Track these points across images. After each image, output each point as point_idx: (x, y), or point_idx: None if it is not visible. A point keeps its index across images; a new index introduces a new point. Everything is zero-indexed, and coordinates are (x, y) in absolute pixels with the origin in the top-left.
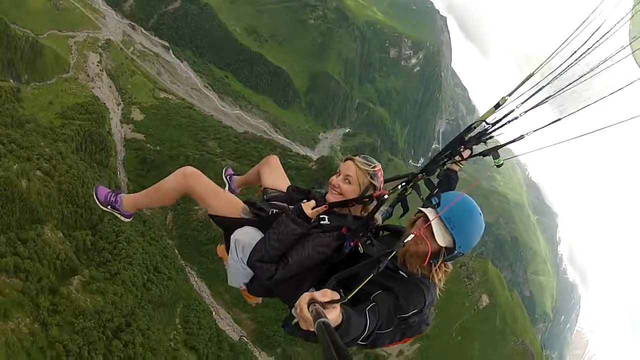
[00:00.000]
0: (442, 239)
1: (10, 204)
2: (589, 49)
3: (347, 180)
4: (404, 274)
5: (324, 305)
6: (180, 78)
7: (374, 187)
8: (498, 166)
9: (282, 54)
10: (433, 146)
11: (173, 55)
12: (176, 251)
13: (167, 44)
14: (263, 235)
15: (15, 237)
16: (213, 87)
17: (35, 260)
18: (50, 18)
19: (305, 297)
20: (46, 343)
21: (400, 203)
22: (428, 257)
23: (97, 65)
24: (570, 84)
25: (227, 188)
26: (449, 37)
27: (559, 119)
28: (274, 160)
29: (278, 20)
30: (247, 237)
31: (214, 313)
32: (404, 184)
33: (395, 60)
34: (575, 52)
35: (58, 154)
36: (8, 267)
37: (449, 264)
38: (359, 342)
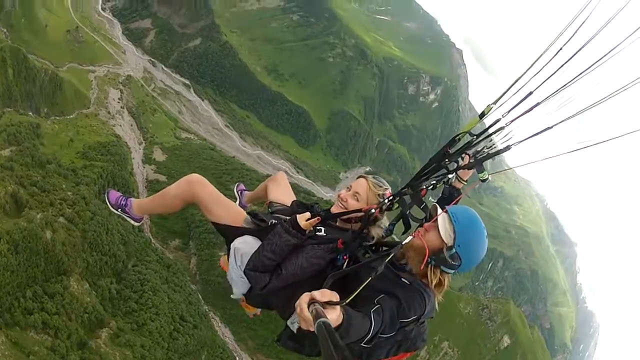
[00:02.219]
0: (444, 231)
1: (35, 257)
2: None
3: (355, 197)
4: (406, 281)
5: (324, 305)
6: (202, 117)
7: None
8: (482, 181)
9: (302, 93)
10: None
11: (194, 94)
12: (200, 296)
13: (187, 82)
14: None
15: (42, 291)
16: (234, 127)
17: (62, 314)
18: (70, 51)
19: (305, 297)
20: None
21: (402, 220)
22: (427, 254)
23: (118, 102)
24: (563, 87)
25: (237, 203)
26: (466, 70)
27: (550, 127)
28: (282, 177)
29: (298, 58)
30: (246, 246)
31: (237, 359)
32: (390, 198)
33: (414, 97)
34: (560, 51)
35: (81, 198)
36: (36, 324)
37: (446, 276)
38: (362, 344)
